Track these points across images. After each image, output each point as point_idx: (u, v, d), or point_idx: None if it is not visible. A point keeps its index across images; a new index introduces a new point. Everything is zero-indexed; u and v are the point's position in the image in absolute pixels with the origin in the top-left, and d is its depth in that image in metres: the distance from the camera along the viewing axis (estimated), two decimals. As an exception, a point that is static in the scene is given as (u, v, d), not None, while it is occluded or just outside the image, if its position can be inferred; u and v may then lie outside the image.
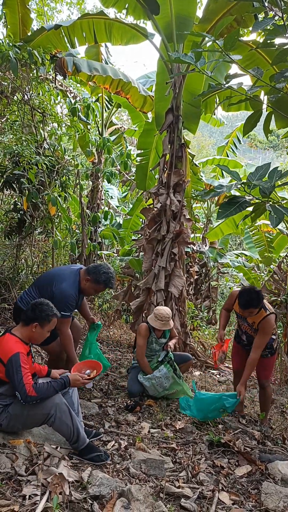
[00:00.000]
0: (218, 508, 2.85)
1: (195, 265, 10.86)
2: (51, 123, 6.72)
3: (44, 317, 3.09)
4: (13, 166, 6.54)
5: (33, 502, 2.50)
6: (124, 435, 3.65)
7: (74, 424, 3.00)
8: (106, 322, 7.79)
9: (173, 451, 3.54)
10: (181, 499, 2.84)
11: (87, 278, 3.82)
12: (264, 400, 4.45)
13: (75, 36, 6.11)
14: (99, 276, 3.80)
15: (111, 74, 6.45)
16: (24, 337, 3.09)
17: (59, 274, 3.85)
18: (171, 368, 4.53)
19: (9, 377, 2.91)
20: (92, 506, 2.58)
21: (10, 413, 2.96)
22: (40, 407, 2.96)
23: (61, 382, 3.05)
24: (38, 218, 6.50)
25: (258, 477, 3.33)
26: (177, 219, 5.64)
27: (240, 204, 2.59)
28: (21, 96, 6.03)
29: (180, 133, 5.70)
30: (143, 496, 2.68)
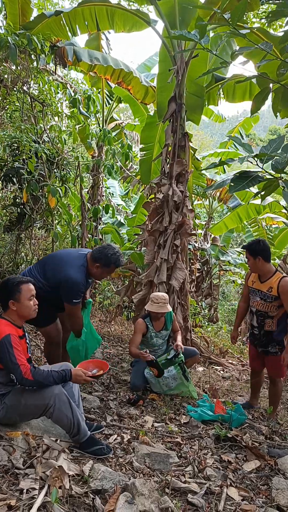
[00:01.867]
0: (227, 504, 2.70)
1: (197, 262, 10.72)
2: (50, 114, 6.58)
3: (11, 290, 2.92)
4: (12, 159, 6.40)
5: (31, 497, 2.34)
6: (127, 429, 3.49)
7: (74, 415, 2.84)
8: (108, 319, 7.63)
9: (178, 446, 3.38)
10: (188, 494, 2.69)
11: (96, 265, 3.65)
12: (273, 395, 4.30)
13: (77, 23, 5.97)
14: (108, 260, 3.64)
15: (112, 64, 6.32)
16: (14, 320, 2.94)
17: (67, 259, 3.67)
18: (180, 370, 4.38)
19: (2, 361, 2.76)
20: (94, 501, 2.42)
21: (7, 404, 2.80)
22: (39, 397, 2.80)
23: (62, 374, 2.87)
24: (38, 210, 6.35)
25: (267, 472, 3.18)
26: (180, 210, 5.50)
27: (252, 178, 2.45)
28: (21, 85, 5.88)
29: (183, 122, 5.57)
30: (148, 491, 2.52)
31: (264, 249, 3.96)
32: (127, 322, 8.16)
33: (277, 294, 3.93)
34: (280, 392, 4.29)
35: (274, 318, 4.02)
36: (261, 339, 4.15)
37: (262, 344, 4.15)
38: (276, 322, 4.02)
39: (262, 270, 4.03)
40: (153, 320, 4.59)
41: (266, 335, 4.09)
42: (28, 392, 2.83)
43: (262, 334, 4.12)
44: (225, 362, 6.54)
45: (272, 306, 3.99)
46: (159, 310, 4.45)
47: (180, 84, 5.44)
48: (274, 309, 4.00)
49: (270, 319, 4.04)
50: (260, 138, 27.18)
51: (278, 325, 4.03)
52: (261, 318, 4.09)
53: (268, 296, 3.99)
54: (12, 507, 2.24)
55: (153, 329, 4.58)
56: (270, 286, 3.97)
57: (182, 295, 5.69)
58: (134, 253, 6.68)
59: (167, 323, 4.68)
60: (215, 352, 6.93)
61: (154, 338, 4.61)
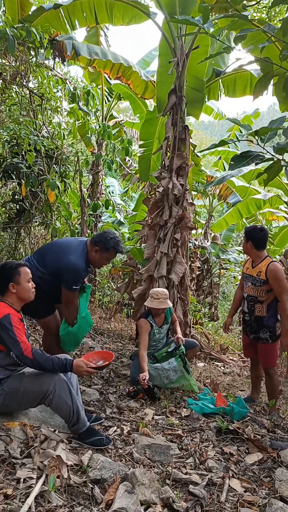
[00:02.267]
0: (229, 495, 2.63)
1: (197, 260, 10.67)
2: (49, 109, 6.53)
3: (11, 273, 2.89)
4: (11, 154, 6.36)
5: (28, 486, 2.28)
6: (127, 421, 3.43)
7: (74, 403, 2.77)
8: (107, 315, 7.56)
9: (179, 438, 3.32)
10: (189, 485, 2.62)
11: (95, 249, 3.58)
12: (270, 388, 4.25)
13: (75, 17, 5.95)
14: (107, 243, 3.56)
15: (111, 58, 6.27)
16: (12, 303, 2.89)
17: (67, 246, 3.61)
18: (181, 362, 4.33)
19: (2, 340, 2.70)
20: (92, 491, 2.36)
21: (5, 390, 2.74)
22: (38, 383, 2.74)
23: (63, 362, 2.80)
24: (37, 205, 6.29)
25: (270, 464, 3.11)
26: (180, 204, 5.45)
27: (253, 157, 2.39)
28: (20, 79, 5.83)
29: (183, 114, 5.52)
30: (149, 481, 2.46)
31: (257, 236, 4.06)
32: (126, 320, 8.10)
33: (265, 278, 3.98)
34: (277, 384, 4.24)
35: (264, 303, 4.05)
36: (252, 325, 4.16)
37: (253, 330, 4.15)
38: (266, 307, 4.05)
39: (251, 254, 4.15)
40: (155, 316, 4.52)
41: (257, 320, 4.10)
42: (27, 377, 2.78)
43: (253, 320, 4.14)
44: (226, 358, 6.48)
45: (262, 291, 4.03)
46: (160, 306, 4.39)
47: (180, 76, 5.40)
48: (263, 294, 4.03)
49: (260, 304, 4.06)
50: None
51: (268, 310, 4.04)
52: (251, 303, 4.12)
53: (257, 280, 4.04)
54: (9, 496, 2.18)
55: (156, 326, 4.53)
56: (259, 270, 4.03)
57: (182, 290, 5.64)
58: (133, 249, 6.62)
59: (167, 317, 4.63)
60: (215, 349, 6.86)
61: (157, 334, 4.56)
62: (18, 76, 6.16)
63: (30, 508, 2.09)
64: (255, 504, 2.53)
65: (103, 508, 2.24)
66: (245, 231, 4.19)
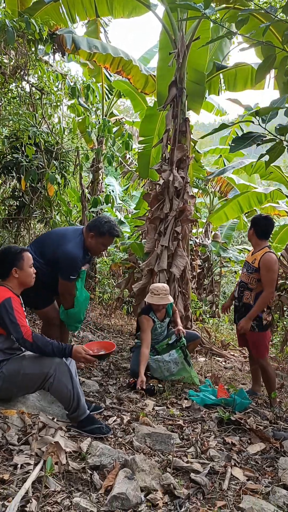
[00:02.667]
0: (232, 483, 2.57)
1: (198, 258, 10.60)
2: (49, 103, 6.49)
3: (15, 258, 2.87)
4: (11, 151, 6.32)
5: (25, 471, 2.22)
6: (127, 412, 3.37)
7: (74, 388, 2.72)
8: (107, 312, 7.51)
9: (180, 428, 3.26)
10: (191, 473, 2.56)
11: (91, 235, 3.51)
12: (266, 379, 4.19)
13: (75, 10, 5.91)
14: (102, 227, 3.49)
15: (111, 52, 6.24)
16: (13, 287, 2.85)
17: (64, 234, 3.56)
18: (182, 354, 4.27)
19: (2, 323, 2.67)
20: (91, 477, 2.31)
21: (4, 374, 2.69)
22: (38, 366, 2.70)
23: (62, 347, 2.76)
24: (37, 200, 6.25)
25: (273, 454, 3.05)
26: (181, 197, 5.40)
27: (254, 138, 2.34)
28: (19, 72, 5.80)
29: (184, 106, 5.48)
30: (149, 467, 2.40)
31: (260, 224, 4.09)
32: (127, 317, 8.04)
33: (257, 266, 3.97)
34: (271, 376, 4.16)
35: (253, 292, 4.04)
36: (240, 311, 4.15)
37: (241, 316, 4.11)
38: (254, 296, 4.03)
39: (252, 241, 4.18)
40: (156, 312, 4.46)
41: (244, 307, 4.09)
42: (27, 360, 2.74)
43: (241, 306, 4.14)
44: (227, 354, 6.42)
45: (252, 278, 4.03)
46: (160, 302, 4.33)
47: (180, 67, 5.36)
48: (253, 282, 4.03)
49: (249, 292, 4.06)
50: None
51: (255, 299, 4.01)
52: (242, 289, 4.13)
53: (251, 267, 4.05)
54: (6, 481, 2.13)
55: (158, 321, 4.47)
56: (254, 258, 4.05)
57: (183, 284, 5.58)
58: (134, 244, 6.57)
59: (168, 311, 4.57)
60: (216, 345, 6.80)
61: (159, 328, 4.51)
62: (17, 71, 6.14)
63: (27, 493, 2.03)
64: (258, 492, 2.47)
65: (102, 494, 2.19)
66: (252, 218, 4.23)
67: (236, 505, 2.28)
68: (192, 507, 2.21)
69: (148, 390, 3.88)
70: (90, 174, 10.13)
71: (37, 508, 1.93)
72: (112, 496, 2.11)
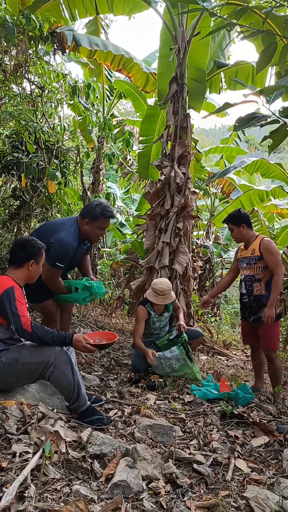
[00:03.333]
0: (235, 474, 2.51)
1: (199, 260, 10.55)
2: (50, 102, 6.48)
3: (37, 252, 2.87)
4: (11, 150, 6.30)
5: (24, 459, 2.17)
6: (128, 405, 3.31)
7: (75, 377, 2.67)
8: (108, 311, 7.45)
9: (182, 422, 3.20)
10: (193, 464, 2.50)
11: (85, 221, 3.50)
12: (273, 374, 4.11)
13: (76, 7, 5.91)
14: (94, 211, 3.48)
15: (112, 49, 6.21)
16: (18, 279, 2.82)
17: (59, 224, 3.57)
18: (184, 350, 4.20)
19: (3, 312, 2.63)
20: (92, 465, 2.25)
21: (4, 363, 2.64)
22: (38, 355, 2.65)
23: (62, 335, 2.72)
24: (37, 198, 6.22)
25: (277, 447, 2.99)
26: (182, 193, 5.36)
27: (258, 118, 2.31)
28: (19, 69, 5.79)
29: (184, 102, 5.46)
30: (151, 456, 2.35)
31: (246, 216, 4.16)
32: (128, 317, 7.98)
33: (260, 254, 3.97)
34: (279, 369, 4.10)
35: (262, 281, 4.00)
36: (252, 306, 4.08)
37: (253, 311, 4.06)
38: (264, 286, 4.00)
39: (247, 237, 4.13)
40: (154, 305, 4.42)
41: (256, 300, 4.03)
42: (27, 348, 2.69)
43: (252, 300, 4.07)
44: (229, 353, 6.35)
45: (258, 268, 4.01)
46: (165, 302, 4.29)
47: (181, 63, 5.34)
48: (260, 271, 4.01)
49: (258, 283, 4.02)
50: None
51: (267, 288, 3.98)
52: (249, 283, 4.08)
53: (252, 258, 4.03)
54: (4, 469, 2.08)
55: (155, 314, 4.41)
56: (253, 249, 4.04)
57: (185, 281, 5.53)
58: (134, 242, 6.53)
59: (168, 305, 4.51)
60: (218, 344, 6.74)
61: (157, 322, 4.45)
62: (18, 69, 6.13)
63: (26, 480, 1.98)
64: (262, 483, 2.42)
65: (102, 482, 2.14)
66: (232, 220, 4.16)
67: (240, 494, 2.22)
68: (195, 496, 2.15)
69: (149, 385, 3.82)
70: (91, 176, 10.12)
71: (36, 494, 1.87)
72: (113, 483, 2.05)
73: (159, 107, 6.30)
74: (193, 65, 5.96)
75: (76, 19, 6.03)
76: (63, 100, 6.36)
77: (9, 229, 7.02)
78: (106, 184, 11.10)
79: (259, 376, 4.42)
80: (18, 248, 2.90)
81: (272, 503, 2.14)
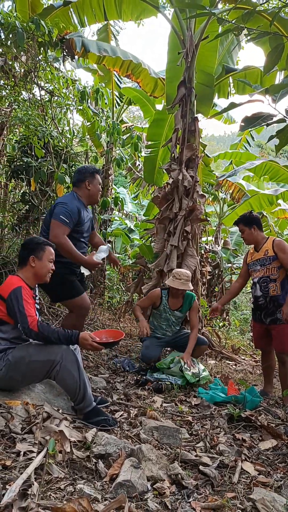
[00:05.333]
0: (242, 477, 2.47)
1: (208, 265, 10.50)
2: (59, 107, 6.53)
3: (36, 247, 2.88)
4: (21, 155, 6.36)
5: (28, 458, 2.15)
6: (134, 407, 3.29)
7: (81, 377, 2.66)
8: (117, 316, 7.44)
9: (189, 424, 3.17)
10: (199, 466, 2.47)
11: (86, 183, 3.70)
12: (284, 376, 4.07)
13: (85, 14, 5.97)
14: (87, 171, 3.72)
15: (121, 55, 6.26)
16: (27, 278, 2.84)
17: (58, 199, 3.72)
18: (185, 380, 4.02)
19: (11, 311, 2.64)
20: (96, 465, 2.23)
21: (10, 361, 2.63)
22: (45, 353, 2.64)
23: (69, 334, 2.70)
24: (46, 201, 6.26)
25: (285, 451, 2.94)
26: (190, 196, 5.35)
27: (264, 117, 2.30)
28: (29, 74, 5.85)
29: (192, 106, 5.46)
30: (156, 457, 2.32)
31: (256, 217, 4.17)
32: (137, 322, 7.95)
33: (274, 254, 3.99)
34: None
35: (277, 281, 4.00)
36: (268, 307, 4.05)
37: (270, 312, 4.03)
38: (279, 286, 4.00)
39: (257, 238, 4.15)
40: (171, 296, 4.40)
41: (273, 301, 4.01)
42: (34, 347, 2.69)
43: (268, 301, 4.04)
44: (238, 358, 6.30)
45: (272, 268, 4.01)
46: (181, 287, 4.26)
47: (189, 67, 5.36)
48: (275, 271, 4.00)
49: (273, 283, 4.02)
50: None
51: (282, 288, 3.99)
52: (264, 284, 4.06)
53: (266, 259, 4.04)
54: (8, 467, 2.06)
55: (167, 304, 4.40)
56: (266, 249, 4.05)
57: (193, 284, 5.49)
58: (142, 246, 6.53)
59: (184, 305, 4.46)
60: (227, 349, 6.69)
61: (168, 314, 4.43)
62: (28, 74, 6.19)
63: (30, 478, 1.96)
64: (269, 485, 2.37)
65: (106, 482, 2.11)
66: (243, 221, 4.19)
67: (246, 497, 2.18)
68: (200, 497, 2.12)
69: (156, 388, 3.79)
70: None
71: (39, 492, 1.86)
72: (117, 483, 2.03)
73: (167, 111, 6.32)
74: (201, 70, 5.97)
75: (85, 25, 6.09)
76: (71, 106, 6.40)
77: (18, 233, 7.07)
78: (115, 190, 11.15)
79: (269, 380, 4.37)
80: (21, 248, 2.96)
81: (279, 505, 2.10)
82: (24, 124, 5.27)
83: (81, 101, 6.26)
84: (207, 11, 3.01)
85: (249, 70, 6.74)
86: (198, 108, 6.22)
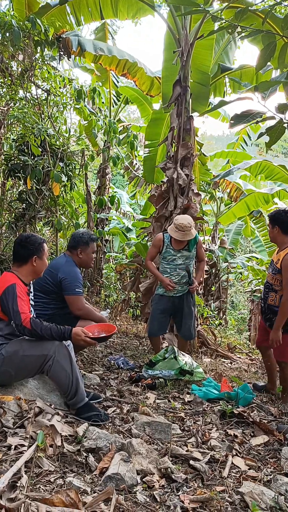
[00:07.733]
0: (232, 472, 2.49)
1: (205, 264, 10.51)
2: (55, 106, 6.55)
3: (38, 248, 2.92)
4: (18, 153, 6.37)
5: (19, 452, 2.18)
6: (127, 403, 3.31)
7: (73, 372, 2.68)
8: (113, 315, 7.46)
9: (181, 420, 3.18)
10: (190, 460, 2.49)
11: (79, 250, 3.72)
12: (283, 381, 4.06)
13: (81, 12, 5.99)
14: (83, 238, 3.73)
15: (117, 54, 6.29)
16: (23, 276, 2.86)
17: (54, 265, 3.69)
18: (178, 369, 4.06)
19: (4, 308, 2.66)
20: (87, 459, 2.25)
21: (3, 355, 2.66)
22: (38, 348, 2.67)
23: (62, 330, 2.73)
24: (42, 200, 6.27)
25: (276, 446, 2.96)
26: (185, 194, 5.37)
27: (253, 115, 2.31)
28: (25, 72, 5.86)
29: (188, 104, 5.48)
30: (146, 451, 2.34)
31: (284, 220, 3.83)
32: (132, 320, 7.98)
33: (279, 267, 3.77)
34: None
35: (278, 293, 3.86)
36: (266, 312, 4.02)
37: (267, 318, 4.00)
38: (279, 298, 3.84)
39: (277, 239, 3.91)
40: (173, 239, 4.31)
41: (270, 309, 3.95)
42: (27, 342, 2.71)
43: (266, 307, 4.00)
44: (233, 356, 6.32)
45: (276, 279, 3.85)
46: (184, 238, 4.19)
47: (185, 65, 5.38)
48: (278, 283, 3.84)
49: (274, 293, 3.90)
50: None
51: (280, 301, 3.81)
52: (267, 290, 3.98)
53: (274, 268, 3.87)
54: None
55: (170, 245, 4.35)
56: (278, 258, 3.84)
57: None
58: (138, 244, 6.54)
59: (190, 244, 4.37)
60: (223, 347, 6.71)
61: (174, 256, 4.35)
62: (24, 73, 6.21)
63: (20, 471, 1.98)
64: (258, 480, 2.39)
65: (96, 475, 2.13)
66: (270, 216, 3.96)
67: (235, 490, 2.20)
68: (189, 490, 2.14)
69: (149, 385, 3.81)
70: (97, 180, 10.18)
71: (28, 484, 1.87)
72: (106, 476, 2.05)
73: (163, 110, 6.34)
74: (197, 68, 5.99)
75: (81, 24, 6.10)
76: (68, 104, 6.42)
77: (14, 231, 7.08)
78: (112, 189, 11.16)
79: (272, 378, 4.31)
80: (19, 245, 2.94)
81: (267, 498, 2.12)
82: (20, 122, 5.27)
83: (78, 100, 6.29)
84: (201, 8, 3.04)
85: (245, 69, 6.76)
86: (194, 107, 6.24)
